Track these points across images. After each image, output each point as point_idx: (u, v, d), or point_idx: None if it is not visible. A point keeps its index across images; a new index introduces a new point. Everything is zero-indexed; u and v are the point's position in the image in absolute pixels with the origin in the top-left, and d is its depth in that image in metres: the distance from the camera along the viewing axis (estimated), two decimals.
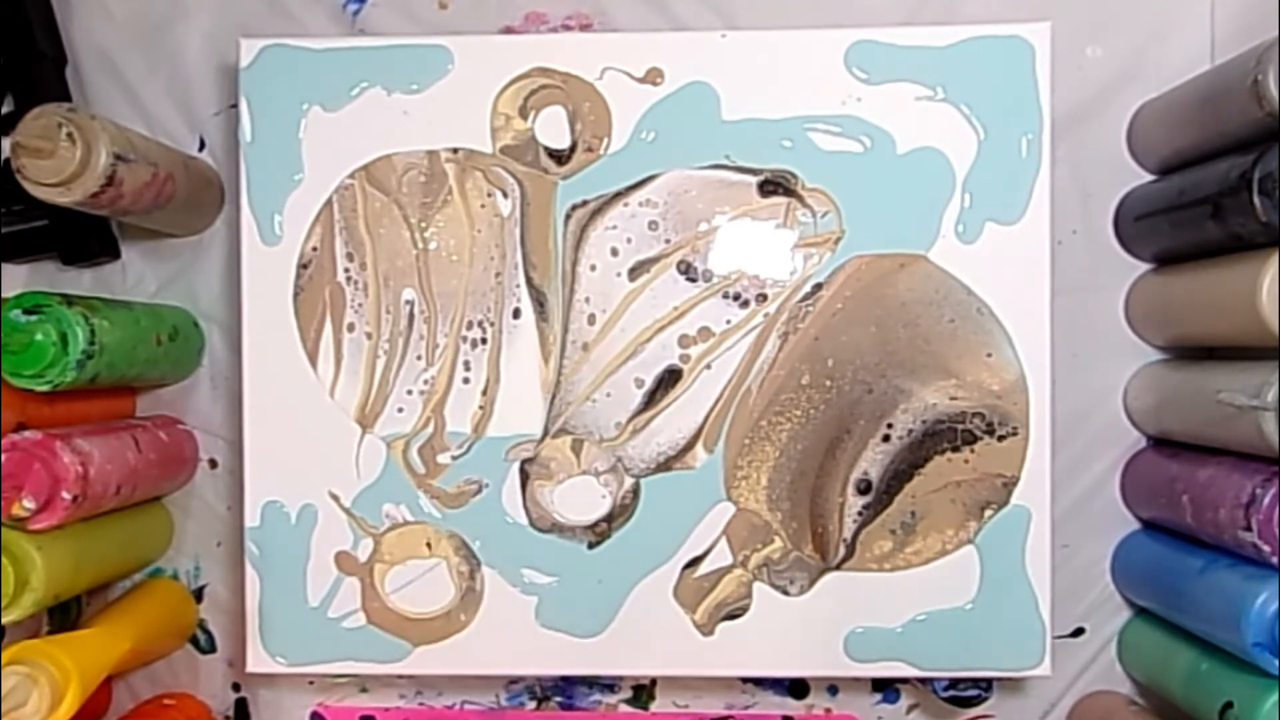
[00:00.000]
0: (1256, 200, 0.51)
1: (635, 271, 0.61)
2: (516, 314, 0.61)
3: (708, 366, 0.61)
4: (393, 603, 0.62)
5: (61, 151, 0.54)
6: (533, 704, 0.70)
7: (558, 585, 0.61)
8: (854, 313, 0.60)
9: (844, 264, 0.60)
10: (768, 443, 0.61)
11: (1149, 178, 0.64)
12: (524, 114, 0.61)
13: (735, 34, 0.61)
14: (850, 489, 0.60)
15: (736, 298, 0.60)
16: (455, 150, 0.61)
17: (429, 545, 0.62)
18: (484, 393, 0.61)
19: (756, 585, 0.61)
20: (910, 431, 0.60)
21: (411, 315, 0.61)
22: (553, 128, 0.61)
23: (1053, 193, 0.59)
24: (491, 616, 0.62)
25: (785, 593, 0.61)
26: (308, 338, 0.61)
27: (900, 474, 0.60)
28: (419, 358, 0.61)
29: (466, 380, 0.61)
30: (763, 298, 0.60)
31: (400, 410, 0.61)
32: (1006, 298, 0.60)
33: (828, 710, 0.68)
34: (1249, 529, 0.53)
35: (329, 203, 0.61)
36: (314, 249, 0.61)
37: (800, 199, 0.60)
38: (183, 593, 0.69)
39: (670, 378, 0.61)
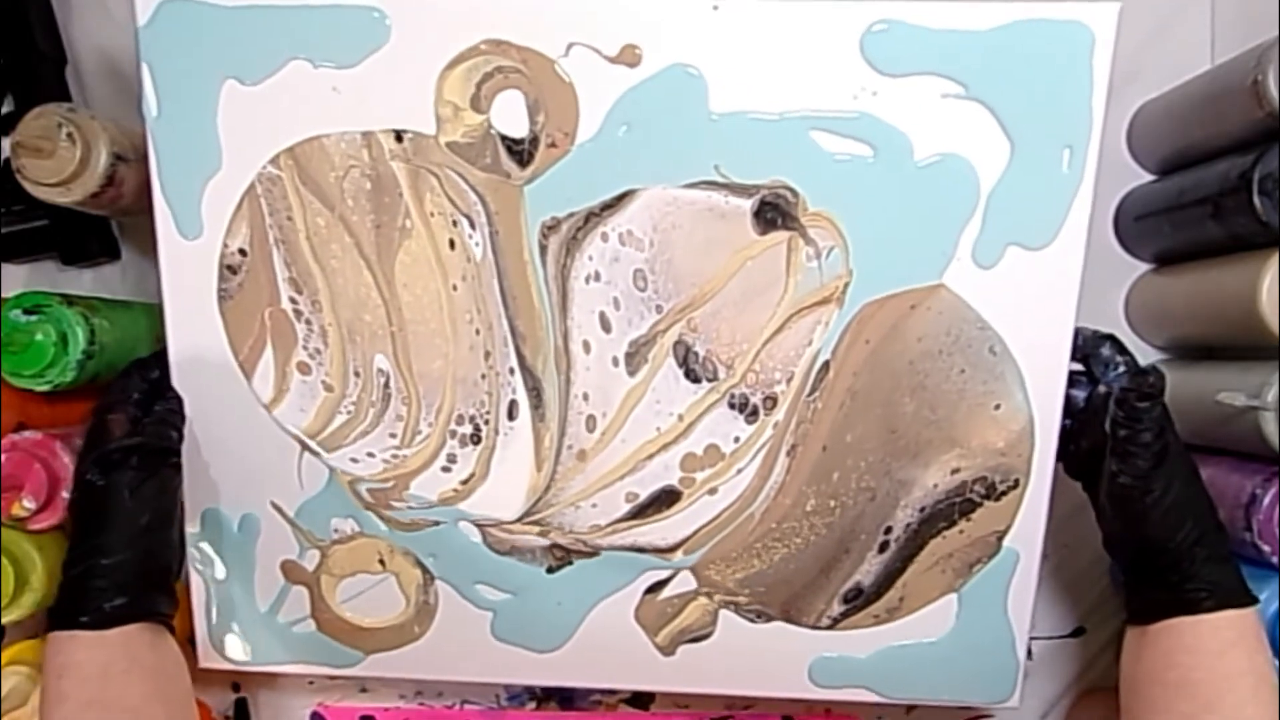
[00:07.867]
0: (1256, 200, 0.51)
1: (633, 359, 0.54)
2: (512, 412, 0.55)
3: (711, 491, 0.55)
4: (343, 612, 0.59)
5: (61, 151, 0.54)
6: (532, 704, 0.69)
7: (514, 601, 0.58)
8: (861, 397, 0.54)
9: (851, 321, 0.53)
10: (757, 559, 0.56)
11: (1149, 178, 0.64)
12: (477, 105, 0.51)
13: (730, 4, 0.50)
14: (837, 600, 0.56)
15: (744, 406, 0.54)
16: (399, 138, 0.52)
17: (382, 562, 0.58)
18: (464, 483, 0.56)
19: (722, 613, 0.57)
20: (908, 527, 0.55)
21: (387, 388, 0.55)
22: (509, 115, 0.52)
23: (1092, 217, 0.51)
24: (446, 629, 0.58)
25: (752, 621, 0.57)
26: (240, 349, 0.55)
27: (893, 574, 0.56)
28: (393, 435, 0.55)
29: (447, 469, 0.56)
30: (771, 401, 0.54)
31: (355, 460, 0.56)
32: (1022, 333, 0.52)
33: (827, 710, 0.68)
34: (1249, 529, 0.53)
35: (255, 197, 0.53)
36: (242, 252, 0.54)
37: (801, 229, 0.52)
38: (183, 592, 0.69)
39: (666, 497, 0.56)
